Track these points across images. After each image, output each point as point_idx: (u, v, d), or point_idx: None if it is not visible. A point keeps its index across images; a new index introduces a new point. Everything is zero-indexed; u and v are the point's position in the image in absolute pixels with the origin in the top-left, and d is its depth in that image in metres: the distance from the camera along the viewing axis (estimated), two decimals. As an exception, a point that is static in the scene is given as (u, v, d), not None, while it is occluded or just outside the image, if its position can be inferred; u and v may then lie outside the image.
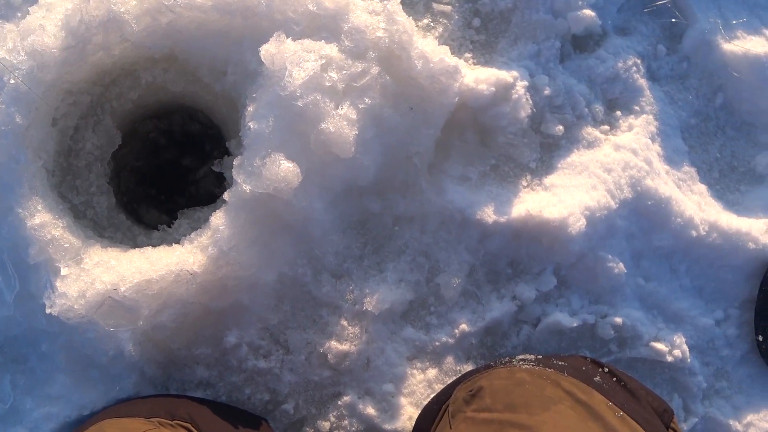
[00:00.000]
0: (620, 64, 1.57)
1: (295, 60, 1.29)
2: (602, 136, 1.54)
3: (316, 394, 1.43)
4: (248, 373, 1.41)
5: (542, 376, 1.11)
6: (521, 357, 1.23)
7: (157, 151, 1.68)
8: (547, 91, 1.51)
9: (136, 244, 1.47)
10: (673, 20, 1.61)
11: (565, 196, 1.47)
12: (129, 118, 1.55)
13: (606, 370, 1.16)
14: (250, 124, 1.29)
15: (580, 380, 1.10)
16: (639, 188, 1.49)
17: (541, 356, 1.23)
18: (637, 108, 1.57)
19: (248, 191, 1.28)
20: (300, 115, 1.29)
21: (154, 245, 1.44)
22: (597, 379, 1.12)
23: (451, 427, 1.10)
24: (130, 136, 1.54)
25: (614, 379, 1.15)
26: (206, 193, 1.66)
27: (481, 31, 1.55)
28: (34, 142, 1.38)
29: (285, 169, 1.25)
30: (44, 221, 1.32)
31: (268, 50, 1.30)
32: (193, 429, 1.20)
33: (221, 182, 1.55)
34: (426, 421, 1.28)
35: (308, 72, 1.29)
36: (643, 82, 1.58)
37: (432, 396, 1.35)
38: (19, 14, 1.50)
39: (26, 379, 1.45)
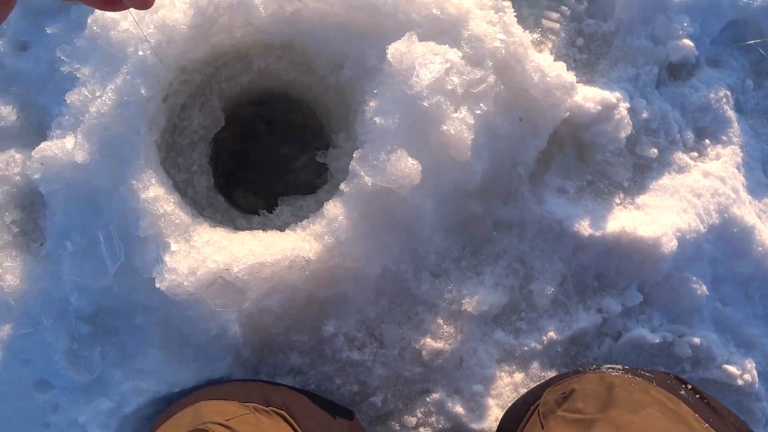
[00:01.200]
0: (711, 95, 1.63)
1: (423, 61, 1.32)
2: (692, 162, 1.60)
3: (405, 389, 1.45)
4: (341, 363, 1.43)
5: (631, 383, 1.14)
6: (608, 366, 1.27)
7: (257, 137, 1.69)
8: (644, 115, 1.56)
9: (236, 227, 1.47)
10: (761, 52, 1.68)
11: (657, 216, 1.52)
12: (234, 102, 1.56)
13: (689, 386, 1.20)
14: (376, 119, 1.32)
15: (666, 390, 1.14)
16: (726, 215, 1.55)
17: (627, 367, 1.27)
18: (724, 138, 1.63)
19: (369, 184, 1.30)
20: (424, 114, 1.32)
21: (254, 229, 1.45)
22: (682, 392, 1.15)
23: (543, 427, 1.13)
24: (232, 119, 1.55)
25: (697, 396, 1.18)
26: (303, 183, 1.67)
27: (583, 51, 1.60)
28: (149, 116, 1.38)
29: (409, 165, 1.28)
30: (157, 195, 1.32)
31: (397, 49, 1.33)
32: (287, 416, 1.20)
33: (320, 173, 1.56)
34: (512, 422, 1.30)
35: (434, 74, 1.32)
36: (731, 113, 1.64)
37: (518, 398, 1.38)
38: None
39: (116, 351, 1.44)
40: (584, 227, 1.48)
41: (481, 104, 1.39)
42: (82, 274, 1.38)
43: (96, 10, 1.38)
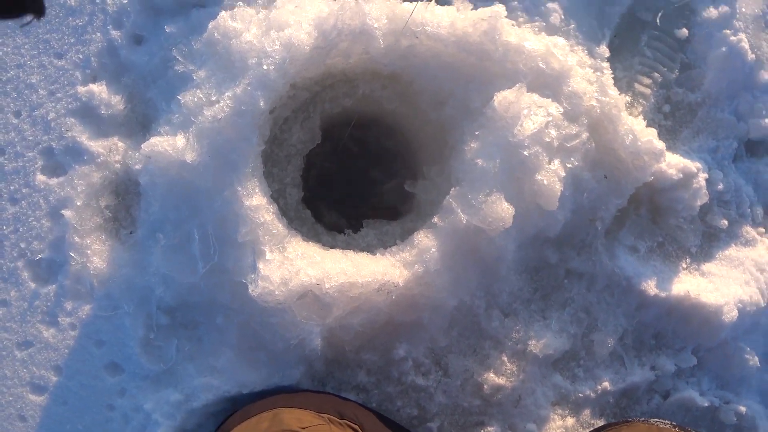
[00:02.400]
0: (784, 175, 1.70)
1: (528, 112, 1.38)
2: (758, 237, 1.67)
3: (462, 419, 1.51)
4: (405, 386, 1.48)
5: None
6: (657, 420, 1.32)
7: (348, 158, 1.75)
8: (720, 186, 1.63)
9: (321, 242, 1.53)
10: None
11: (721, 284, 1.58)
12: (332, 121, 1.62)
13: None
14: (478, 161, 1.38)
15: None
16: (786, 293, 1.61)
17: (676, 424, 1.32)
18: (791, 218, 1.70)
19: (464, 221, 1.36)
20: (522, 162, 1.38)
21: (339, 247, 1.51)
22: None
23: None
24: (326, 138, 1.61)
25: None
26: (386, 207, 1.73)
27: (669, 117, 1.67)
28: (260, 127, 1.44)
29: (504, 209, 1.34)
30: (260, 204, 1.37)
31: (506, 97, 1.39)
32: (360, 430, 1.24)
33: (403, 200, 1.62)
34: None
35: (537, 125, 1.38)
36: (801, 195, 1.71)
37: None
38: (260, 0, 1.55)
39: (192, 346, 1.49)
40: (650, 286, 1.54)
41: (572, 158, 1.45)
42: (171, 268, 1.43)
43: (219, 16, 1.45)
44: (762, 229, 1.69)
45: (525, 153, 1.37)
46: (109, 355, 1.50)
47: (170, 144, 1.40)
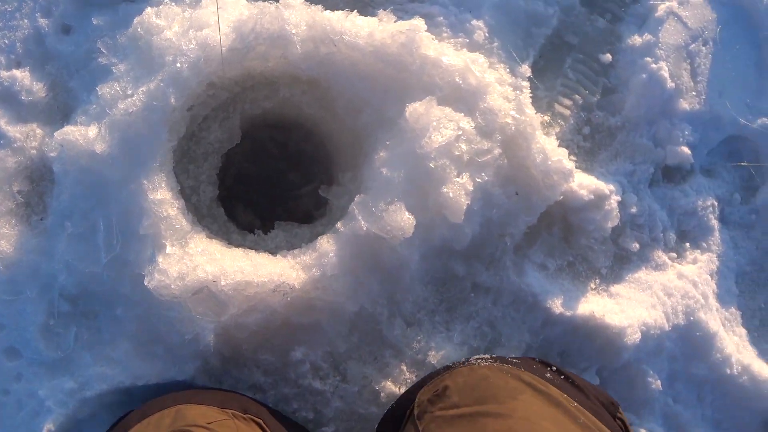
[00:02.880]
0: (699, 202, 1.72)
1: (437, 125, 1.40)
2: (669, 262, 1.69)
3: (358, 425, 1.51)
4: (302, 389, 1.48)
5: (502, 371, 1.17)
6: (477, 357, 1.29)
7: (266, 159, 1.76)
8: (633, 210, 1.65)
9: (229, 241, 1.54)
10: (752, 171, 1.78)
11: (627, 307, 1.60)
12: (252, 122, 1.63)
13: (554, 368, 1.25)
14: (383, 170, 1.39)
15: (534, 374, 1.18)
16: (692, 318, 1.63)
17: (495, 356, 1.31)
18: (704, 244, 1.72)
19: (365, 228, 1.37)
20: (428, 174, 1.39)
21: (247, 247, 1.51)
22: (548, 375, 1.20)
23: (419, 430, 1.11)
24: (246, 138, 1.62)
25: (561, 376, 1.23)
26: (302, 211, 1.74)
27: (588, 139, 1.69)
28: (171, 123, 1.45)
29: (405, 219, 1.35)
30: (164, 198, 1.38)
31: (416, 109, 1.41)
32: (264, 426, 1.24)
33: (319, 204, 1.63)
34: (388, 428, 1.29)
35: (445, 138, 1.40)
36: (715, 222, 1.74)
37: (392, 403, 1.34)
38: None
39: (91, 335, 1.49)
40: (557, 305, 1.55)
41: (483, 173, 1.47)
42: (75, 256, 1.43)
43: (144, 12, 1.46)
44: (674, 254, 1.71)
45: (431, 165, 1.39)
46: (8, 339, 1.49)
47: (82, 134, 1.41)
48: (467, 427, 1.04)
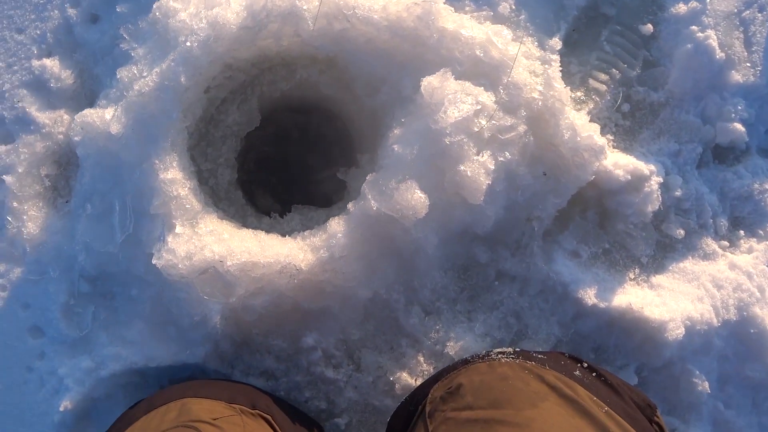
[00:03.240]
0: (756, 185, 1.55)
1: (453, 99, 1.32)
2: (720, 251, 1.52)
3: (372, 417, 1.44)
4: (314, 377, 1.43)
5: (524, 369, 1.06)
6: (499, 350, 1.17)
7: (287, 143, 1.73)
8: (678, 193, 1.50)
9: (245, 224, 1.51)
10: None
11: (669, 299, 1.45)
12: (272, 105, 1.61)
13: (585, 365, 1.12)
14: (395, 147, 1.33)
15: (561, 373, 1.06)
16: (745, 313, 1.46)
17: (519, 349, 1.18)
18: (761, 232, 1.55)
19: (375, 208, 1.30)
20: (444, 151, 1.31)
21: (263, 230, 1.48)
22: (577, 373, 1.08)
23: (428, 430, 1.03)
24: (266, 121, 1.59)
25: (594, 374, 1.10)
26: (322, 195, 1.70)
27: (627, 117, 1.56)
28: (186, 103, 1.44)
29: (416, 198, 1.28)
30: (175, 177, 1.37)
31: (430, 82, 1.34)
32: (272, 421, 1.19)
33: (340, 189, 1.58)
34: (399, 424, 1.21)
35: (462, 113, 1.32)
36: (774, 209, 1.55)
37: (406, 395, 1.27)
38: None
39: (108, 315, 1.50)
40: (589, 295, 1.43)
41: (506, 152, 1.38)
42: (92, 237, 1.45)
43: None
44: (725, 243, 1.54)
45: (446, 141, 1.31)
46: (33, 318, 1.53)
47: (99, 116, 1.43)
48: None
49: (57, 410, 1.45)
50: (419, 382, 1.40)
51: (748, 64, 1.53)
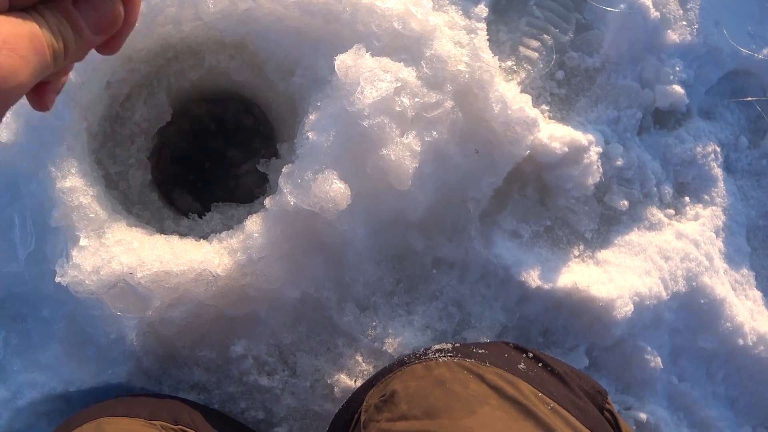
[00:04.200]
0: (699, 149, 1.48)
1: (370, 77, 1.22)
2: (666, 220, 1.46)
3: (313, 424, 1.35)
4: (248, 387, 1.34)
5: (463, 369, 1.00)
6: (437, 347, 1.12)
7: (204, 137, 1.61)
8: (619, 162, 1.43)
9: (162, 228, 1.40)
10: (759, 110, 1.52)
11: (616, 275, 1.38)
12: (183, 97, 1.49)
13: (531, 355, 1.07)
14: (309, 134, 1.22)
15: (503, 369, 1.00)
16: (694, 283, 1.41)
17: (459, 344, 1.12)
18: (706, 197, 1.49)
19: (292, 203, 1.20)
20: (363, 135, 1.22)
21: (181, 233, 1.38)
22: (522, 366, 1.02)
23: None
24: (179, 115, 1.48)
25: (540, 364, 1.05)
26: (245, 190, 1.59)
27: (562, 85, 1.48)
28: (84, 102, 1.32)
29: (336, 189, 1.18)
30: (74, 185, 1.25)
31: (344, 61, 1.23)
32: None
33: (262, 182, 1.47)
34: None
35: (381, 92, 1.22)
36: (718, 171, 1.50)
37: (342, 403, 1.20)
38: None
39: (20, 339, 1.38)
40: (533, 277, 1.36)
41: (432, 131, 1.28)
42: (-7, 257, 1.32)
43: None
44: (671, 211, 1.48)
45: (365, 124, 1.20)
46: (-63, 350, 1.40)
47: (-15, 124, 1.29)
48: None
49: (-25, 447, 1.34)
50: (359, 383, 1.32)
51: (684, 23, 1.46)
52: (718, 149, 1.50)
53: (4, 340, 1.38)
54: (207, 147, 1.61)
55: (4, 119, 1.32)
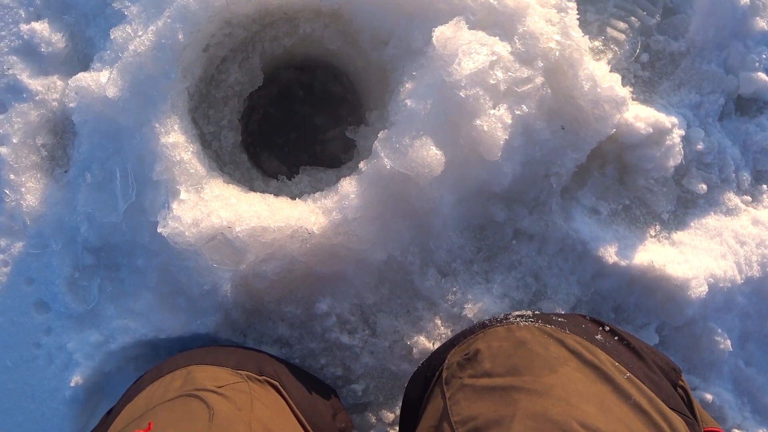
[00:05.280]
0: (779, 138, 1.49)
1: (467, 50, 1.26)
2: (742, 206, 1.48)
3: (389, 383, 1.41)
4: (329, 343, 1.39)
5: (544, 333, 1.03)
6: (518, 313, 1.14)
7: (293, 103, 1.66)
8: (699, 146, 1.45)
9: (252, 188, 1.46)
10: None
11: (692, 256, 1.41)
12: (275, 63, 1.54)
13: (607, 328, 1.09)
14: (407, 101, 1.26)
15: (582, 338, 1.02)
16: (769, 269, 1.43)
17: (538, 312, 1.15)
18: (785, 186, 1.50)
19: (388, 167, 1.25)
20: (459, 105, 1.25)
21: (272, 193, 1.43)
22: (599, 337, 1.04)
23: (445, 397, 0.99)
24: (270, 81, 1.52)
25: (616, 338, 1.07)
26: (330, 156, 1.64)
27: (647, 68, 1.49)
28: (185, 63, 1.38)
29: (432, 154, 1.22)
30: (177, 141, 1.31)
31: (443, 32, 1.27)
32: (279, 387, 1.16)
33: (348, 148, 1.52)
34: (417, 390, 1.17)
35: (477, 65, 1.25)
36: (798, 161, 1.50)
37: (422, 361, 1.22)
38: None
39: (114, 287, 1.46)
40: (609, 253, 1.39)
41: (523, 105, 1.32)
42: (94, 207, 1.39)
43: None
44: (748, 198, 1.49)
45: (461, 94, 1.24)
46: (37, 293, 1.48)
47: (93, 80, 1.36)
48: (497, 402, 0.91)
49: (68, 386, 1.42)
50: (437, 345, 1.37)
51: (774, 9, 1.47)
52: (799, 139, 1.51)
53: (100, 288, 1.46)
54: (294, 112, 1.66)
55: (110, 75, 1.37)
